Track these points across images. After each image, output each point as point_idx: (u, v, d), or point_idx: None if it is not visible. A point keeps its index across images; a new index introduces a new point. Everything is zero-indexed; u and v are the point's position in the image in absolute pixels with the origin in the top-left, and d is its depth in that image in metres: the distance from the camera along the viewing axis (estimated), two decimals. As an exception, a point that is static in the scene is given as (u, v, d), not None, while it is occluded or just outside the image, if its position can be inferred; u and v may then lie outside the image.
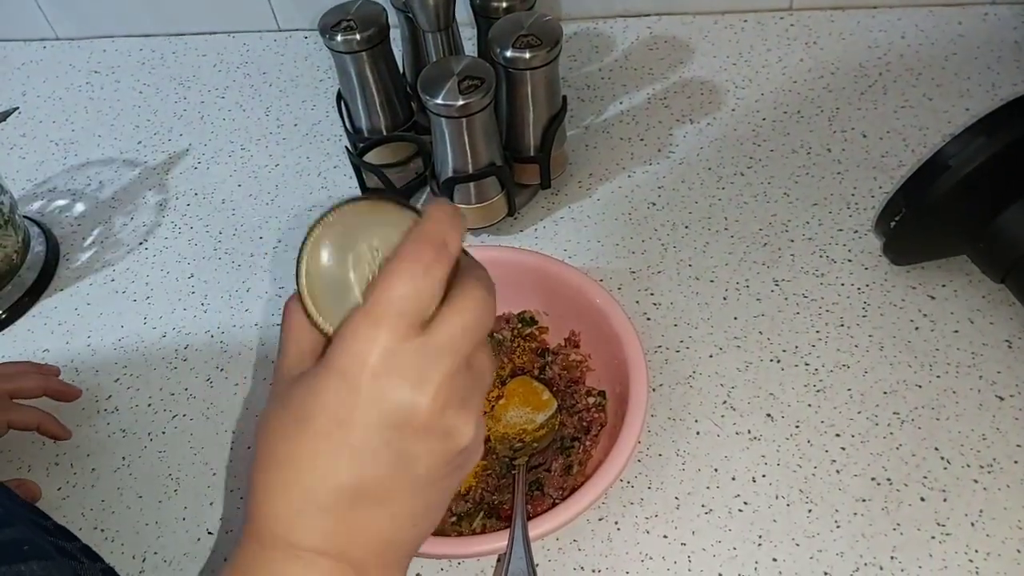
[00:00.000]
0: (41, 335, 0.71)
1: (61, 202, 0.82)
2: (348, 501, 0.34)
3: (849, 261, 0.66)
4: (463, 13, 0.73)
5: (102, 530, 0.59)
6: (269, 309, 0.70)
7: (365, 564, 0.35)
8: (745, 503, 0.55)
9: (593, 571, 0.53)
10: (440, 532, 0.54)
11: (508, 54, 0.64)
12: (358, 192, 0.75)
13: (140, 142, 0.87)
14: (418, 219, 0.35)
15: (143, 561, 0.57)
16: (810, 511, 0.54)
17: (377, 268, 0.35)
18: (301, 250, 0.35)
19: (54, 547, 0.44)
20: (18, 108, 0.92)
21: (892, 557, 0.52)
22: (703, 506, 0.55)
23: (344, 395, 0.32)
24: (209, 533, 0.58)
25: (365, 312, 0.33)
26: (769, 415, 0.59)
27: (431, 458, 0.34)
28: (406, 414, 0.33)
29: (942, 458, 0.56)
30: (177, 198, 0.81)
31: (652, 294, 0.67)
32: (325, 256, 0.35)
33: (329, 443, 0.33)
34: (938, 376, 0.59)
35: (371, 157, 0.74)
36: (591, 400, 0.59)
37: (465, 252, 0.37)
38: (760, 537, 0.53)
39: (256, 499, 0.35)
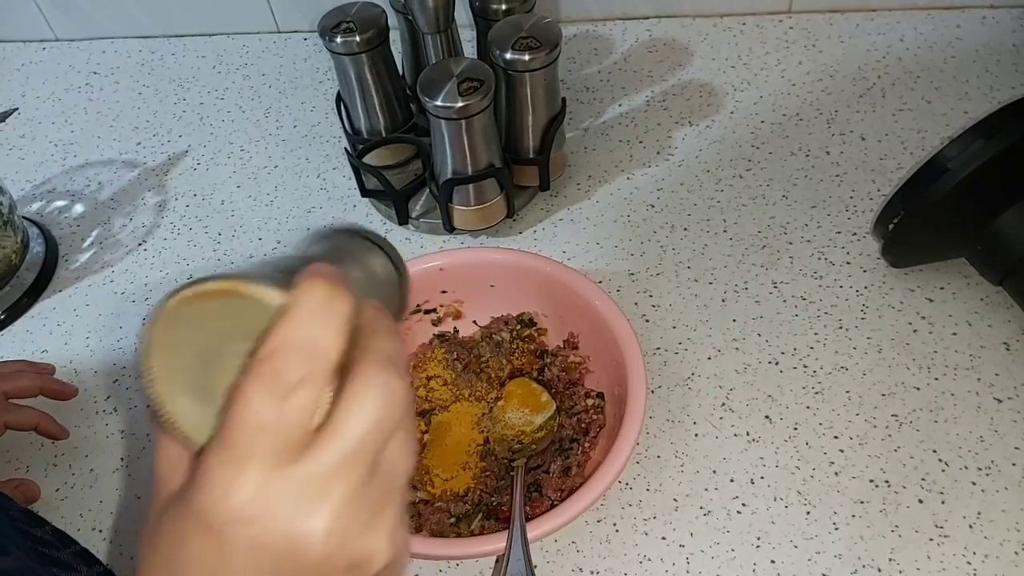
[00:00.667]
0: (40, 336, 0.71)
1: (60, 203, 0.82)
2: None
3: (848, 263, 0.67)
4: (462, 15, 0.73)
5: (100, 531, 0.59)
6: (268, 310, 0.70)
7: None
8: (744, 505, 0.55)
9: (591, 572, 0.53)
10: (438, 533, 0.54)
11: (507, 56, 0.65)
12: (357, 192, 0.75)
13: (139, 143, 0.87)
14: (283, 304, 0.28)
15: (141, 562, 0.57)
16: (808, 513, 0.54)
17: (237, 372, 0.28)
18: (146, 345, 0.29)
19: (47, 562, 0.44)
20: (17, 109, 0.92)
21: (890, 559, 0.52)
22: (701, 508, 0.55)
23: (211, 545, 0.27)
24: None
25: (222, 446, 0.27)
26: (768, 417, 0.59)
27: None
28: (293, 557, 0.27)
29: (940, 460, 0.56)
30: (176, 199, 0.81)
31: (651, 296, 0.67)
32: (181, 352, 0.29)
33: None
34: (936, 378, 0.59)
35: (370, 159, 0.74)
36: (590, 402, 0.60)
37: (358, 280, 0.32)
38: (758, 539, 0.54)
39: None
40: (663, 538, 0.54)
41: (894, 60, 0.81)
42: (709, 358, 0.62)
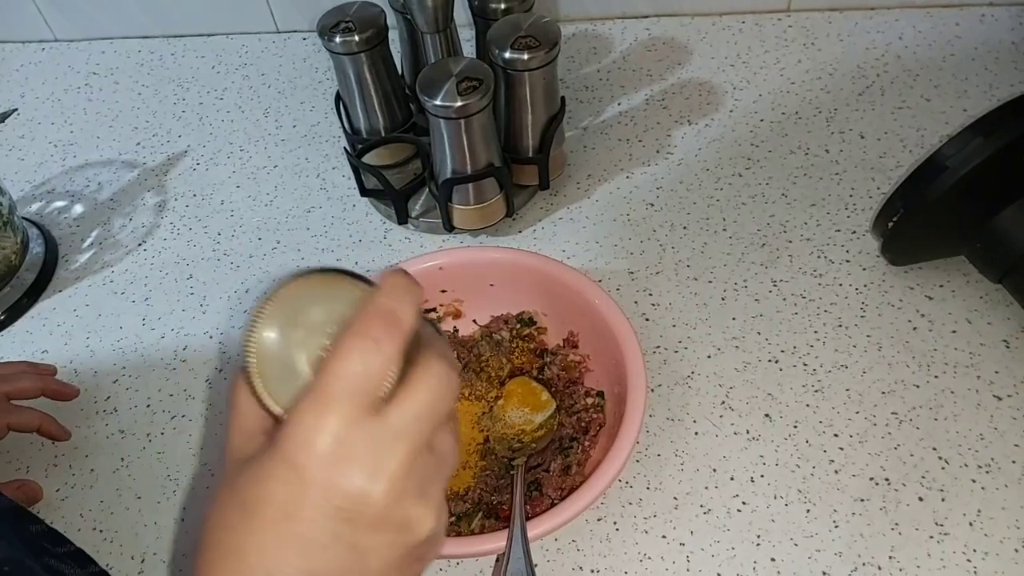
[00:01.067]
0: (40, 336, 0.71)
1: (60, 203, 0.82)
2: None
3: (847, 262, 0.67)
4: (461, 14, 0.73)
5: (101, 531, 0.59)
6: (268, 310, 0.70)
7: None
8: (744, 503, 0.55)
9: (592, 571, 0.53)
10: (439, 532, 0.54)
11: (506, 55, 0.65)
12: (357, 192, 0.75)
13: (139, 143, 0.87)
14: (370, 292, 0.33)
15: (142, 562, 0.57)
16: (808, 511, 0.54)
17: (328, 345, 0.33)
18: (248, 327, 0.33)
19: (42, 555, 0.44)
20: (17, 109, 0.92)
21: (890, 557, 0.52)
22: (702, 506, 0.55)
23: (291, 485, 0.30)
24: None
25: (313, 393, 0.31)
26: (767, 415, 0.59)
27: (386, 551, 0.32)
28: (358, 505, 0.31)
29: (940, 458, 0.56)
30: (176, 199, 0.81)
31: (651, 295, 0.67)
32: (274, 334, 0.33)
33: (275, 535, 0.31)
34: (936, 376, 0.59)
35: (370, 158, 0.74)
36: (590, 400, 0.60)
37: (428, 322, 0.35)
38: (759, 537, 0.54)
39: None
40: (663, 536, 0.54)
41: (893, 58, 0.81)
42: (709, 356, 0.62)
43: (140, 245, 0.77)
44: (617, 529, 0.55)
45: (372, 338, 0.31)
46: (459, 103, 0.61)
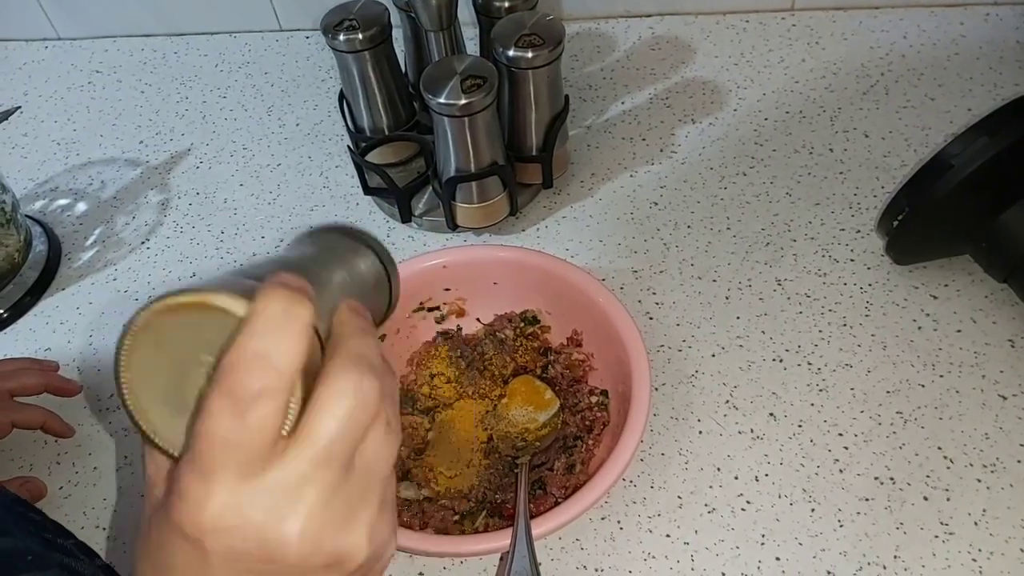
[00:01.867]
0: (43, 334, 0.71)
1: (63, 201, 0.82)
2: None
3: (851, 261, 0.66)
4: (465, 12, 0.73)
5: (104, 528, 0.59)
6: (271, 308, 0.70)
7: None
8: (748, 502, 0.55)
9: (596, 570, 0.53)
10: (442, 531, 0.54)
11: (510, 53, 0.64)
12: (360, 190, 0.75)
13: (142, 142, 0.87)
14: (244, 316, 0.28)
15: (145, 560, 0.57)
16: (813, 510, 0.54)
17: (204, 384, 0.29)
18: (118, 359, 0.29)
19: (50, 547, 0.44)
20: (20, 108, 0.92)
21: (895, 556, 0.52)
22: (706, 505, 0.55)
23: (191, 554, 0.28)
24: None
25: (192, 463, 0.28)
26: (772, 414, 0.59)
27: None
28: (270, 561, 0.28)
29: (945, 457, 0.55)
30: (179, 197, 0.80)
31: (654, 293, 0.66)
32: (150, 363, 0.29)
33: None
34: (941, 376, 0.59)
35: (373, 156, 0.74)
36: (593, 399, 0.59)
37: (335, 283, 0.32)
38: (763, 536, 0.53)
39: None
40: (667, 535, 0.54)
41: (897, 57, 0.81)
42: (713, 355, 0.62)
43: (143, 243, 0.77)
44: (621, 528, 0.55)
45: (241, 396, 0.27)
46: (463, 101, 0.61)
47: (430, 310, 0.65)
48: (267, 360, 0.27)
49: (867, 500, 0.54)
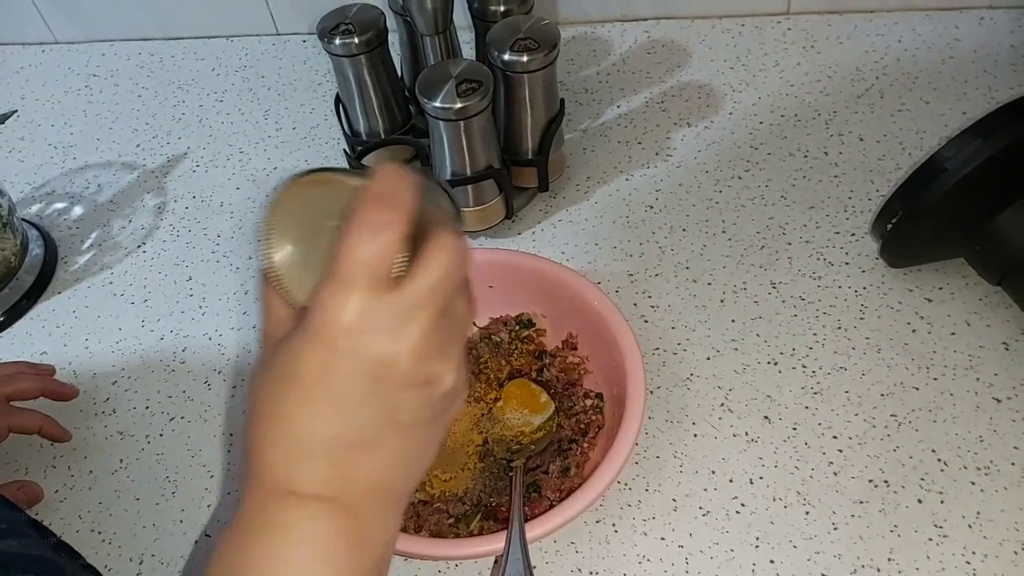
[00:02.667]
0: (39, 338, 0.71)
1: (59, 205, 0.82)
2: (339, 449, 0.35)
3: (846, 264, 0.67)
4: (461, 17, 0.73)
5: (99, 532, 0.59)
6: (267, 312, 0.70)
7: (360, 507, 0.36)
8: (743, 505, 0.55)
9: (591, 573, 0.53)
10: (437, 534, 0.54)
11: (506, 57, 0.65)
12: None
13: (138, 145, 0.87)
14: (366, 182, 0.35)
15: (140, 563, 0.57)
16: (807, 513, 0.54)
17: (335, 238, 0.35)
18: (261, 232, 0.37)
19: (35, 529, 0.45)
20: (17, 111, 0.92)
21: (889, 559, 0.52)
22: (700, 508, 0.55)
23: (324, 355, 0.34)
24: (207, 536, 0.58)
25: (332, 279, 0.34)
26: (766, 417, 0.59)
27: (414, 404, 0.35)
28: (385, 366, 0.34)
29: (939, 460, 0.56)
30: (175, 201, 0.81)
31: (650, 297, 0.67)
32: (286, 235, 0.37)
33: (314, 397, 0.34)
34: (935, 378, 0.59)
35: (369, 160, 0.74)
36: (589, 402, 0.60)
37: (436, 186, 0.39)
38: (758, 539, 0.53)
39: (254, 452, 0.36)
40: (662, 538, 0.54)
41: (892, 61, 0.81)
42: (708, 358, 0.62)
43: (139, 247, 0.77)
44: (616, 531, 0.55)
45: (377, 222, 0.33)
46: (458, 105, 0.61)
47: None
48: (391, 199, 0.34)
49: (861, 503, 0.54)
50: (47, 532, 0.48)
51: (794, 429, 0.58)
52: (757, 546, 0.53)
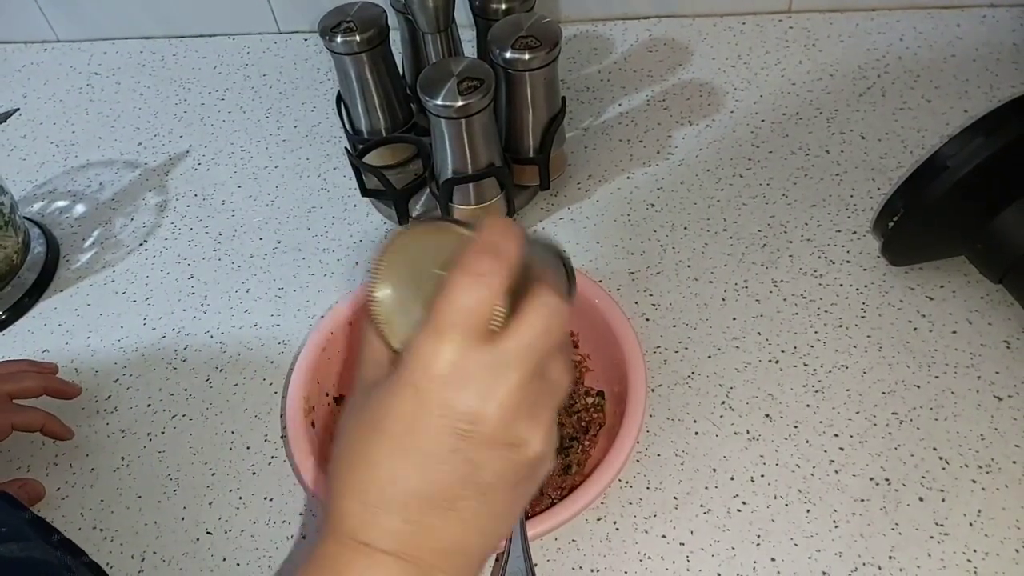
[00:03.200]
0: (41, 335, 0.71)
1: (61, 203, 0.83)
2: (418, 505, 0.35)
3: (848, 262, 0.67)
4: (462, 15, 0.73)
5: (101, 530, 0.59)
6: (268, 310, 0.70)
7: (434, 569, 0.35)
8: (744, 503, 0.55)
9: (592, 571, 0.53)
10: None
11: (507, 55, 0.65)
12: (358, 192, 0.75)
13: (140, 144, 0.87)
14: (474, 234, 0.36)
15: (142, 561, 0.57)
16: (808, 511, 0.54)
17: (440, 285, 0.36)
18: (369, 277, 0.38)
19: (36, 530, 0.45)
20: (19, 110, 0.92)
21: (891, 557, 0.52)
22: (702, 506, 0.55)
23: (412, 404, 0.34)
24: (208, 533, 0.58)
25: (429, 325, 0.34)
26: (768, 415, 0.59)
27: (499, 465, 0.35)
28: (472, 423, 0.34)
29: (940, 458, 0.56)
30: (177, 199, 0.81)
31: (651, 295, 0.67)
32: (391, 281, 0.38)
33: (400, 448, 0.34)
34: (936, 376, 0.59)
35: (371, 158, 0.74)
36: (590, 400, 0.60)
37: (537, 259, 0.38)
38: (759, 537, 0.54)
39: (334, 496, 0.36)
40: (663, 536, 0.54)
41: (894, 59, 0.81)
42: (709, 356, 0.62)
43: (141, 245, 0.77)
44: (617, 529, 0.55)
45: (478, 272, 0.34)
46: (460, 103, 0.61)
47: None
48: (496, 251, 0.34)
49: (862, 501, 0.54)
50: (51, 529, 0.49)
51: (795, 427, 0.58)
52: (758, 544, 0.53)
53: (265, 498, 0.59)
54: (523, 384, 0.34)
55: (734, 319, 0.64)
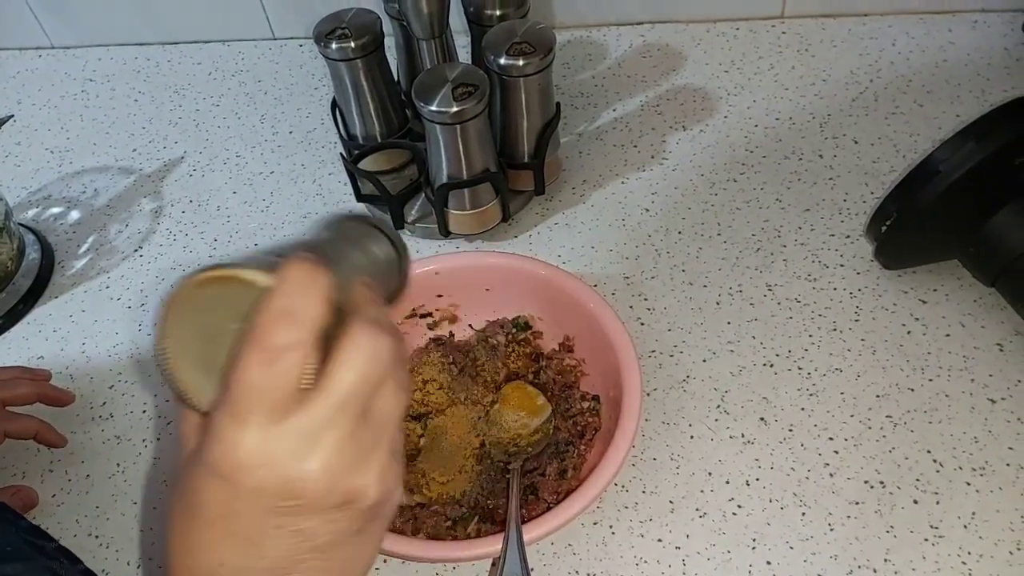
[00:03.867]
0: (36, 342, 0.71)
1: (56, 210, 0.82)
2: None
3: (841, 266, 0.67)
4: (457, 21, 0.73)
5: (96, 536, 0.59)
6: (264, 315, 0.70)
7: None
8: (739, 506, 0.55)
9: (588, 575, 0.53)
10: (435, 536, 0.54)
11: (502, 61, 0.65)
12: (353, 197, 0.75)
13: (135, 150, 0.87)
14: (270, 286, 0.32)
15: (137, 568, 0.57)
16: (804, 514, 0.54)
17: (237, 340, 0.32)
18: (160, 323, 0.34)
19: (32, 547, 0.45)
20: (13, 116, 0.92)
21: (886, 559, 0.52)
22: (697, 510, 0.55)
23: (222, 491, 0.32)
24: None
25: (226, 406, 0.31)
26: (762, 419, 0.59)
27: (333, 526, 0.33)
28: (292, 497, 0.31)
29: (935, 461, 0.56)
30: (172, 205, 0.81)
31: (646, 299, 0.67)
32: (188, 330, 0.33)
33: (220, 535, 0.32)
34: (930, 379, 0.60)
35: (366, 164, 0.74)
36: (585, 404, 0.60)
37: (352, 267, 0.36)
38: (754, 540, 0.54)
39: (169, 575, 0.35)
40: (659, 540, 0.54)
41: (886, 64, 0.81)
42: (704, 360, 0.63)
43: (136, 251, 0.77)
44: (613, 533, 0.55)
45: (273, 347, 0.30)
46: (455, 109, 0.62)
47: (422, 316, 0.65)
48: (292, 316, 0.31)
49: (857, 504, 0.54)
50: (47, 537, 0.48)
51: (790, 430, 0.58)
52: (754, 547, 0.53)
53: (261, 504, 0.59)
54: (343, 440, 0.31)
55: (728, 323, 0.64)
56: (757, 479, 0.56)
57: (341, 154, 0.75)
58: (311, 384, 0.31)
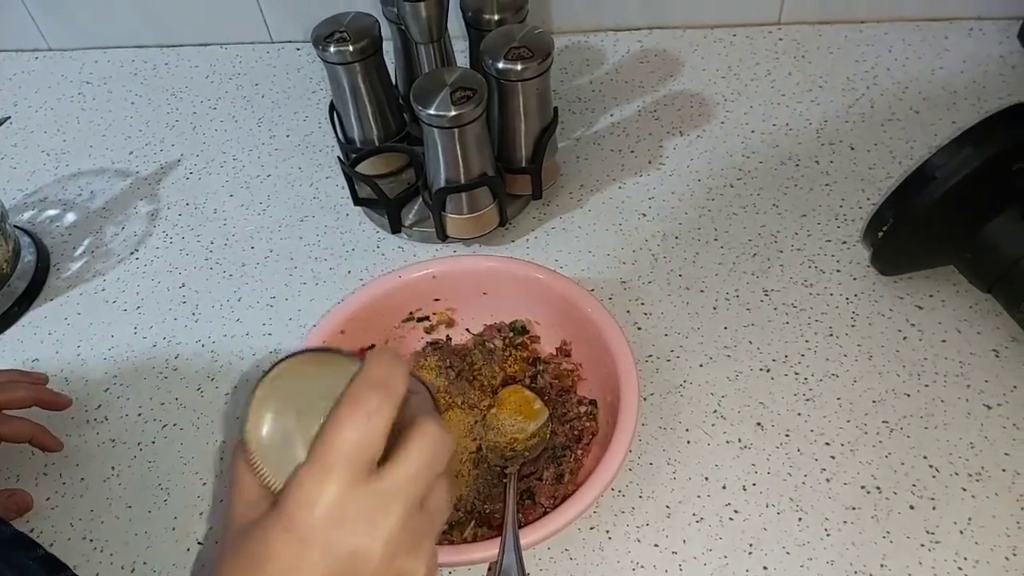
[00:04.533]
0: (31, 345, 0.71)
1: (52, 212, 0.82)
2: None
3: (838, 271, 0.67)
4: (455, 25, 0.73)
5: (91, 540, 0.59)
6: (260, 319, 0.70)
7: None
8: (736, 512, 0.55)
9: (584, 580, 0.53)
10: (431, 541, 0.54)
11: (500, 66, 0.65)
12: (350, 201, 0.75)
13: (132, 152, 0.87)
14: (359, 366, 0.35)
15: (132, 571, 0.57)
16: (800, 519, 0.54)
17: (322, 420, 0.35)
18: (247, 407, 0.36)
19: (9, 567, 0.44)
20: (9, 118, 0.92)
21: (882, 565, 0.52)
22: (694, 515, 0.55)
23: (293, 545, 0.33)
24: (199, 543, 0.58)
25: (313, 462, 0.33)
26: (759, 424, 0.59)
27: None
28: (356, 562, 0.33)
29: (931, 466, 0.56)
30: (168, 208, 0.81)
31: (643, 304, 0.67)
32: (271, 412, 0.36)
33: None
34: (926, 385, 0.60)
35: (363, 167, 0.74)
36: (582, 409, 0.60)
37: (419, 389, 0.38)
38: (751, 545, 0.54)
39: None
40: (656, 545, 0.54)
41: (883, 71, 0.82)
42: (701, 365, 0.63)
43: (132, 254, 0.77)
44: (610, 538, 0.55)
45: (366, 408, 0.33)
46: (452, 113, 0.62)
47: (419, 320, 0.65)
48: (386, 386, 0.34)
49: (854, 509, 0.54)
50: (33, 544, 0.48)
51: (786, 436, 0.58)
52: (750, 552, 0.53)
53: (256, 508, 0.59)
54: (405, 517, 0.34)
55: (725, 328, 0.65)
56: (754, 484, 0.56)
57: (338, 157, 0.75)
58: (378, 461, 0.34)
